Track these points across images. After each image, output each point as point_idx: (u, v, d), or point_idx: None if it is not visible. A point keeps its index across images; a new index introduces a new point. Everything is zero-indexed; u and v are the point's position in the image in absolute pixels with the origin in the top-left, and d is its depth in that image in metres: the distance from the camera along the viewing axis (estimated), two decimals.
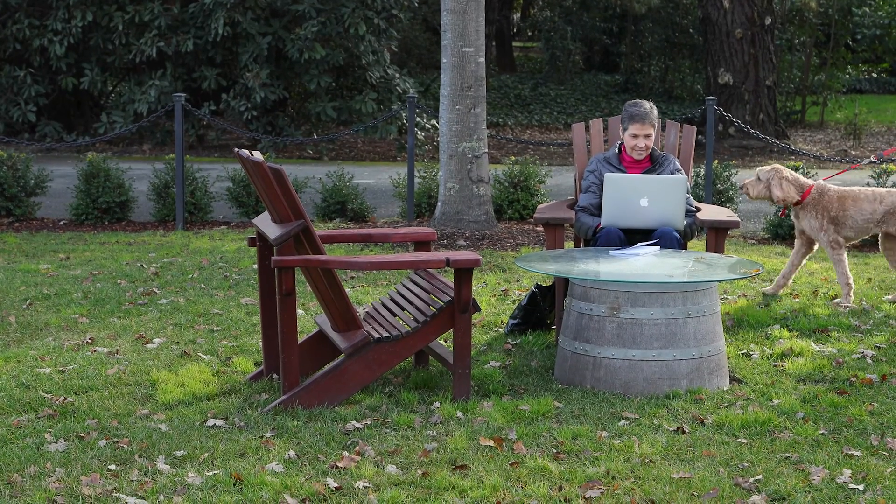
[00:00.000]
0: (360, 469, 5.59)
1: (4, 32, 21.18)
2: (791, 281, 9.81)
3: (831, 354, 7.71)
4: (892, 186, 12.21)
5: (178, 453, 5.79)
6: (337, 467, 5.62)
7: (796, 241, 9.61)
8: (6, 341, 8.03)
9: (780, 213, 11.60)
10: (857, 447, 5.94)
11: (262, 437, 6.02)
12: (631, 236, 7.74)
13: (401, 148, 21.49)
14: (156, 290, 9.72)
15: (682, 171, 8.17)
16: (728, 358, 7.46)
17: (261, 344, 7.52)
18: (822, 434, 6.14)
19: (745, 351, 7.82)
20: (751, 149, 22.05)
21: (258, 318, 8.34)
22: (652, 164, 8.11)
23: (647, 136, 8.01)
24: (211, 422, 6.25)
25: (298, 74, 21.34)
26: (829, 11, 27.59)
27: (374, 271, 10.20)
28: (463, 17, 12.08)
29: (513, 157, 14.04)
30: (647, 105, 8.05)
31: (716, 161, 13.10)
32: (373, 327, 6.78)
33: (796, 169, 12.49)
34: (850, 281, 9.25)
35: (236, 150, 6.79)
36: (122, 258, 11.14)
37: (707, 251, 8.01)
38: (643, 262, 7.26)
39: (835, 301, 9.28)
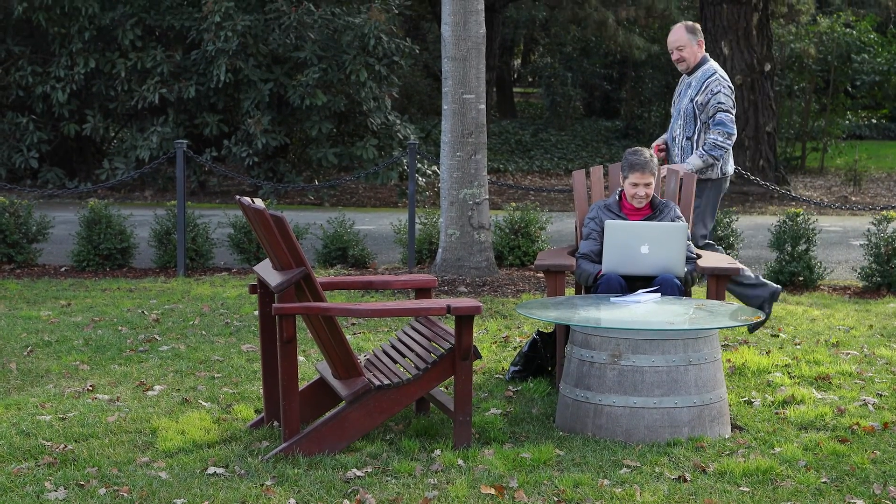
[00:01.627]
0: None
1: (7, 79, 21.27)
2: None
3: (833, 402, 7.70)
4: (894, 233, 12.21)
5: (179, 501, 5.78)
6: None
7: None
8: (7, 388, 8.02)
9: None
10: (859, 496, 5.92)
11: (262, 485, 6.01)
12: (632, 283, 7.75)
13: (402, 194, 21.52)
14: (157, 336, 9.72)
15: (683, 218, 8.18)
16: (729, 405, 7.44)
17: (261, 391, 7.51)
18: (825, 482, 6.12)
19: (746, 398, 7.80)
20: (751, 195, 22.08)
21: (259, 365, 8.34)
22: (652, 211, 8.13)
23: (648, 185, 8.04)
24: (211, 469, 6.24)
25: (300, 121, 21.42)
26: (829, 58, 27.70)
27: (375, 318, 10.20)
28: (464, 63, 12.13)
29: (513, 204, 14.06)
30: (648, 153, 8.07)
31: None
32: (374, 374, 6.78)
33: (797, 216, 12.52)
34: None
35: (238, 197, 6.81)
36: (123, 305, 11.14)
37: (708, 298, 8.01)
38: (644, 310, 7.26)
39: None
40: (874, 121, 33.26)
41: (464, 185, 12.27)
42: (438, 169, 16.44)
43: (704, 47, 9.42)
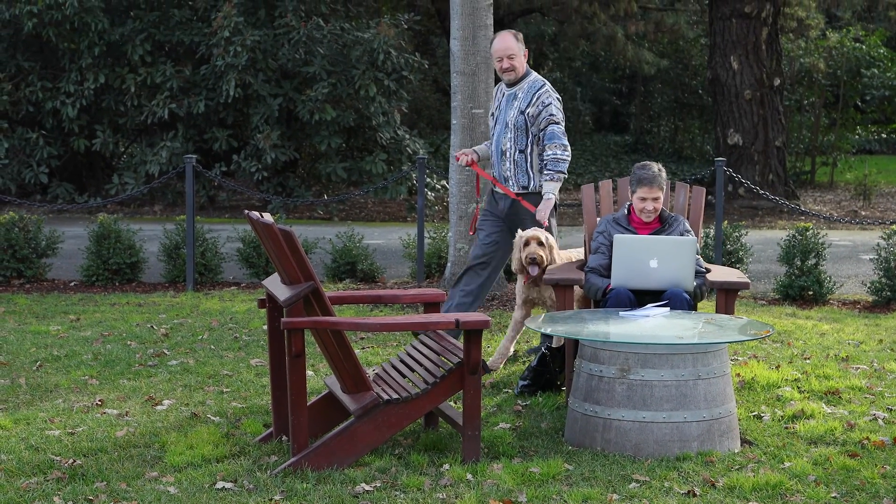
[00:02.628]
0: None
1: (17, 95, 21.34)
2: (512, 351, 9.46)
3: (843, 416, 7.68)
4: None
5: None
6: None
7: (520, 311, 9.10)
8: (16, 403, 8.03)
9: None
10: None
11: (271, 499, 6.00)
12: (641, 297, 7.74)
13: (411, 208, 21.54)
14: (165, 351, 9.72)
15: (692, 232, 8.18)
16: (739, 420, 7.43)
17: (270, 405, 7.51)
18: (835, 497, 6.10)
19: (755, 413, 7.78)
20: (761, 209, 22.07)
21: (268, 380, 8.33)
22: (661, 224, 8.13)
23: (656, 199, 8.04)
24: (220, 484, 6.23)
25: (309, 135, 21.46)
26: (838, 72, 27.68)
27: (384, 332, 10.20)
28: (473, 78, 12.14)
29: None
30: (656, 168, 8.07)
31: (725, 222, 13.10)
32: (382, 389, 6.77)
33: (806, 230, 12.50)
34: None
35: (246, 212, 6.81)
36: (132, 319, 11.15)
37: (717, 312, 7.99)
38: (653, 324, 7.25)
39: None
40: (884, 135, 33.23)
41: (473, 199, 12.26)
42: (447, 183, 16.45)
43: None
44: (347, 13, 23.51)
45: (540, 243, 8.68)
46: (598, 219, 8.49)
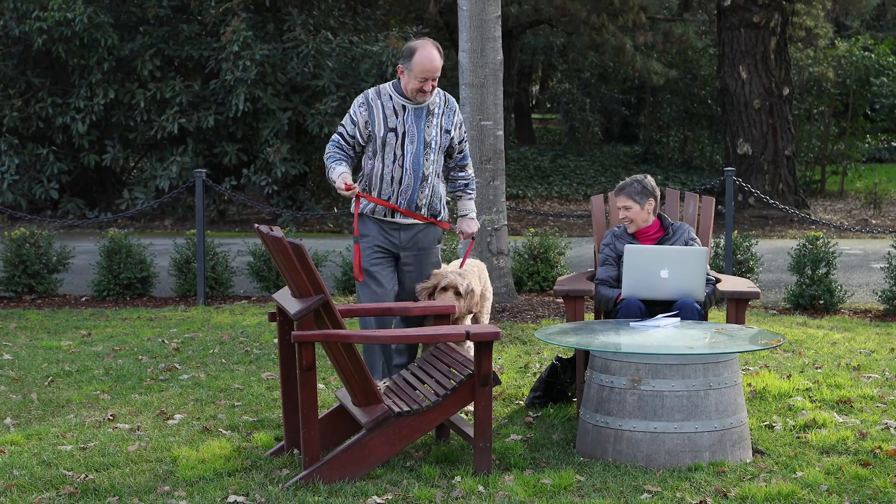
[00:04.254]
0: None
1: (27, 111, 21.39)
2: None
3: (855, 426, 7.66)
4: None
5: None
6: None
7: None
8: (28, 418, 8.04)
9: None
10: None
11: None
12: (651, 308, 7.73)
13: None
14: (177, 365, 9.73)
15: (698, 240, 8.17)
16: (750, 430, 7.41)
17: (282, 419, 7.51)
18: None
19: (767, 422, 7.77)
20: (771, 219, 22.04)
21: (279, 393, 8.34)
22: (664, 233, 8.13)
23: (627, 208, 8.09)
24: (232, 498, 6.23)
25: (319, 149, 21.47)
26: (847, 81, 27.66)
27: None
28: (481, 90, 12.16)
29: (532, 229, 14.06)
30: (632, 178, 8.16)
31: (735, 231, 13.10)
32: (393, 401, 6.77)
33: (817, 239, 12.49)
34: None
35: (256, 225, 6.83)
36: (143, 334, 11.17)
37: (728, 322, 7.98)
38: (664, 334, 7.24)
39: None
40: (894, 144, 33.18)
41: (482, 211, 12.27)
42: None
43: None
44: (356, 26, 23.54)
45: (457, 293, 7.82)
46: (608, 229, 8.50)
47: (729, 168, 13.23)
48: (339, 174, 7.64)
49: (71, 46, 20.87)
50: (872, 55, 28.67)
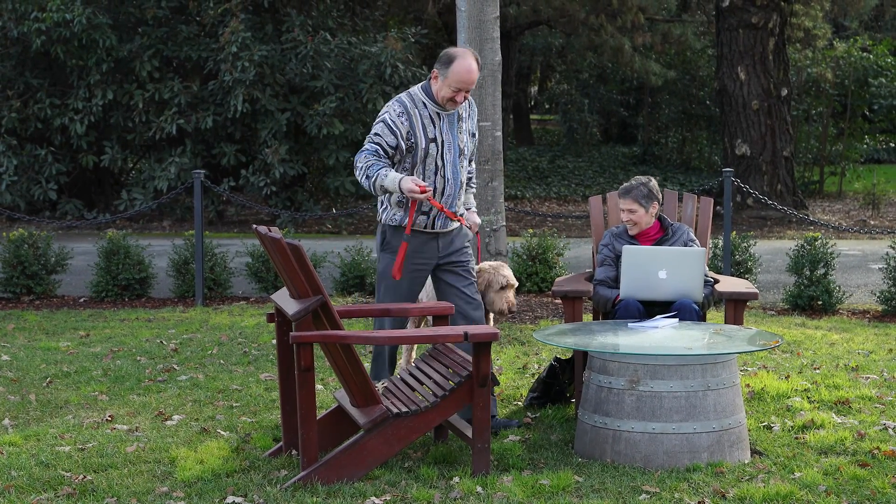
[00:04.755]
0: None
1: (26, 112, 21.39)
2: None
3: (853, 426, 7.66)
4: None
5: None
6: None
7: None
8: (26, 419, 8.04)
9: None
10: None
11: None
12: (649, 308, 7.74)
13: None
14: (175, 366, 9.73)
15: (697, 241, 8.17)
16: (749, 430, 7.42)
17: (280, 420, 7.51)
18: None
19: (765, 423, 7.77)
20: (769, 219, 22.05)
21: (277, 394, 8.34)
22: (664, 234, 8.13)
23: (631, 212, 8.06)
24: (230, 499, 6.23)
25: (317, 150, 21.49)
26: (846, 82, 27.67)
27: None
28: (479, 91, 12.15)
29: (531, 230, 14.06)
30: (638, 181, 8.10)
31: (734, 232, 13.10)
32: (392, 402, 6.77)
33: (815, 240, 12.49)
34: None
35: (255, 226, 6.83)
36: (141, 335, 11.17)
37: (726, 323, 7.98)
38: (662, 335, 7.25)
39: None
40: (892, 144, 33.19)
41: (481, 212, 12.27)
42: None
43: None
44: (354, 27, 23.54)
45: (515, 291, 8.07)
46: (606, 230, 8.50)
47: (727, 169, 13.24)
48: (402, 178, 7.20)
49: (69, 47, 20.87)
50: (871, 56, 28.70)
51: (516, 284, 8.03)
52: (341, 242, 17.18)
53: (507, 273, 8.01)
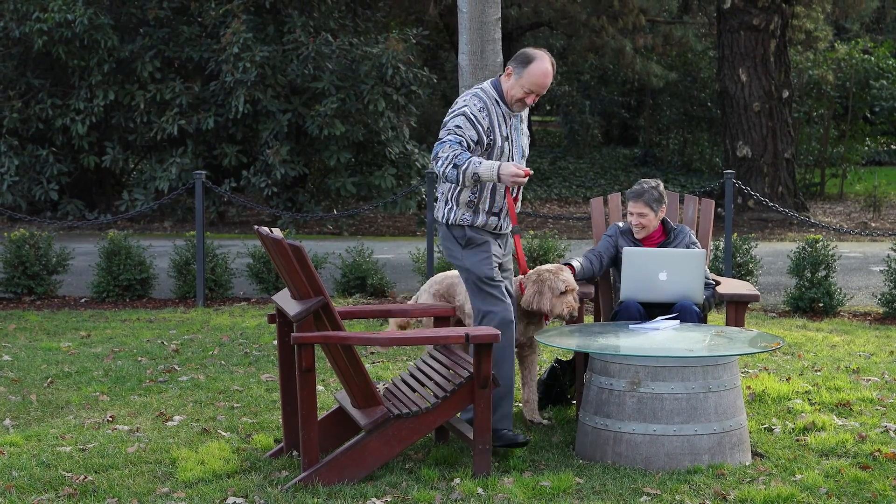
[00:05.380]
0: None
1: (27, 112, 21.40)
2: None
3: (854, 429, 7.66)
4: None
5: None
6: None
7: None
8: (27, 420, 8.04)
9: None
10: None
11: None
12: (650, 310, 7.74)
13: (420, 223, 21.54)
14: (176, 367, 9.73)
15: (698, 243, 8.17)
16: (750, 432, 7.41)
17: (281, 420, 7.51)
18: None
19: (766, 425, 7.77)
20: (770, 221, 22.05)
21: (278, 395, 8.34)
22: (666, 236, 8.13)
23: (642, 215, 8.03)
24: (231, 499, 6.23)
25: (318, 151, 21.49)
26: (847, 84, 27.67)
27: (394, 347, 10.19)
28: None
29: (532, 231, 14.06)
30: (649, 184, 8.07)
31: (735, 234, 13.10)
32: (393, 403, 6.77)
33: (816, 242, 12.49)
34: None
35: (256, 227, 6.83)
36: (142, 335, 11.17)
37: (727, 325, 7.98)
38: (663, 337, 7.24)
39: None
40: (893, 147, 33.18)
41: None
42: None
43: None
44: (356, 28, 23.55)
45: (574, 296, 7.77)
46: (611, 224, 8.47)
47: (728, 171, 13.23)
48: (500, 164, 6.93)
49: (71, 48, 20.88)
50: (872, 58, 28.68)
51: (577, 288, 7.72)
52: (342, 243, 17.18)
53: (566, 277, 7.64)
